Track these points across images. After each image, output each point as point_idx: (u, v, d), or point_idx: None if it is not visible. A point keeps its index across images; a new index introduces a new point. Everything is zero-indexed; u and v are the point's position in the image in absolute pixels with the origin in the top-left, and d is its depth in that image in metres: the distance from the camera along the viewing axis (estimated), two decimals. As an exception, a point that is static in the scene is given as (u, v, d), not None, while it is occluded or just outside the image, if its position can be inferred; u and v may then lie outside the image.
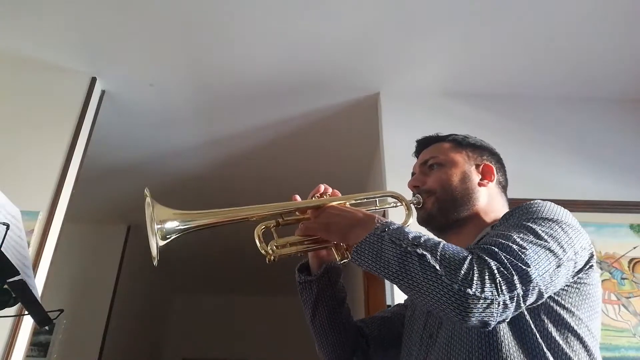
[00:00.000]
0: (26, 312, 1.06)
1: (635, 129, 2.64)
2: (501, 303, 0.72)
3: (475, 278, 0.72)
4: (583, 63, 2.52)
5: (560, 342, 0.81)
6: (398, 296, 2.10)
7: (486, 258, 0.75)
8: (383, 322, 1.14)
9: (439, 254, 0.76)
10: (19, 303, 1.04)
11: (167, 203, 0.95)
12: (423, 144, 1.16)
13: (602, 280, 2.18)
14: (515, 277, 0.73)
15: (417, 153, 1.17)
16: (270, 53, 2.50)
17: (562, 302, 0.83)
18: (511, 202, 1.08)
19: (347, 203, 1.02)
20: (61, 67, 2.57)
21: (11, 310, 1.03)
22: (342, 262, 0.99)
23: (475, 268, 0.73)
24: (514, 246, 0.77)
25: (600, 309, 0.90)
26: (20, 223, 1.09)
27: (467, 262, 0.74)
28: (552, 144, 2.57)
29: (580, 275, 0.86)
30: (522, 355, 0.80)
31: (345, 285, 1.11)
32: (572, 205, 0.94)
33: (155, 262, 0.90)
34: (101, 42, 2.46)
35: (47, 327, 1.09)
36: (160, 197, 0.94)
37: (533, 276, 0.74)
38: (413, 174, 1.14)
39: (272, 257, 0.93)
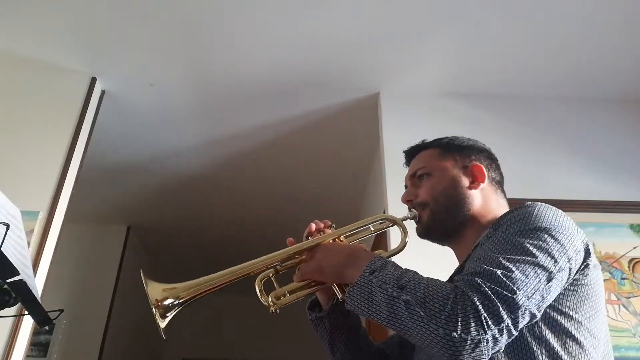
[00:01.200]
0: (26, 312, 1.07)
1: (635, 129, 2.64)
2: (490, 339, 0.71)
3: (459, 319, 0.71)
4: (583, 63, 2.52)
5: (558, 348, 0.79)
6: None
7: (469, 294, 0.73)
8: (402, 339, 1.11)
9: (421, 296, 0.75)
10: (19, 303, 1.04)
11: (166, 204, 0.95)
12: (410, 154, 1.16)
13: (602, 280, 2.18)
14: (501, 308, 0.72)
15: (407, 163, 1.17)
16: (270, 53, 2.50)
17: (560, 307, 0.82)
18: (511, 202, 1.08)
19: (342, 236, 1.01)
20: (61, 67, 2.57)
21: (11, 310, 1.03)
22: (343, 299, 0.95)
23: (458, 307, 0.72)
24: (499, 272, 0.75)
25: (604, 305, 0.87)
26: (20, 223, 1.09)
27: (450, 302, 0.73)
28: (552, 144, 2.57)
29: (576, 276, 0.84)
30: None
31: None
32: (572, 205, 0.93)
33: (164, 337, 0.90)
34: (101, 42, 2.46)
35: (47, 327, 1.09)
36: (161, 197, 0.94)
37: (520, 302, 0.73)
38: (406, 186, 1.14)
39: (275, 309, 0.94)
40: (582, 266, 0.85)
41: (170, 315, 0.92)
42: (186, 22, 2.34)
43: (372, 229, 1.07)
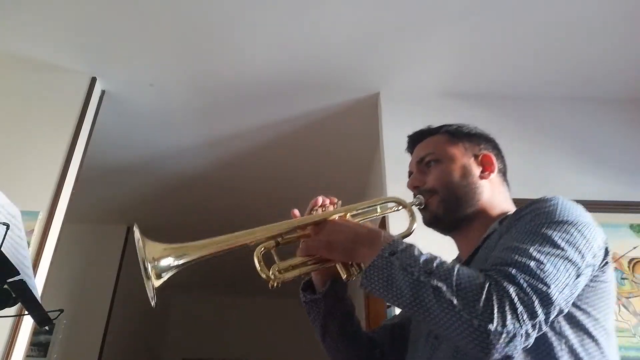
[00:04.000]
0: (26, 312, 1.07)
1: (635, 129, 2.64)
2: (524, 334, 0.69)
3: (495, 311, 0.68)
4: (583, 63, 2.52)
5: (576, 345, 0.77)
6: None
7: (504, 285, 0.70)
8: (393, 329, 1.09)
9: (454, 284, 0.71)
10: (19, 303, 1.04)
11: (166, 204, 0.94)
12: (415, 139, 1.11)
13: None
14: (536, 302, 0.69)
15: (411, 149, 1.12)
16: (270, 53, 2.50)
17: (578, 304, 0.80)
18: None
19: (348, 214, 0.96)
20: (61, 67, 2.57)
21: (11, 310, 1.03)
22: (348, 280, 0.92)
23: (494, 298, 0.69)
24: (531, 263, 0.73)
25: (614, 303, 0.86)
26: (20, 223, 1.09)
27: (485, 291, 0.69)
28: (552, 144, 2.57)
29: (596, 273, 0.82)
30: (530, 356, 0.76)
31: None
32: (572, 205, 0.93)
33: (153, 304, 0.86)
34: (101, 42, 2.46)
35: (47, 327, 1.09)
36: (161, 197, 0.94)
37: (554, 297, 0.71)
38: (410, 173, 1.08)
39: (275, 283, 0.88)
40: (603, 263, 0.83)
41: (164, 277, 0.89)
42: (186, 23, 2.34)
43: (379, 210, 1.03)
